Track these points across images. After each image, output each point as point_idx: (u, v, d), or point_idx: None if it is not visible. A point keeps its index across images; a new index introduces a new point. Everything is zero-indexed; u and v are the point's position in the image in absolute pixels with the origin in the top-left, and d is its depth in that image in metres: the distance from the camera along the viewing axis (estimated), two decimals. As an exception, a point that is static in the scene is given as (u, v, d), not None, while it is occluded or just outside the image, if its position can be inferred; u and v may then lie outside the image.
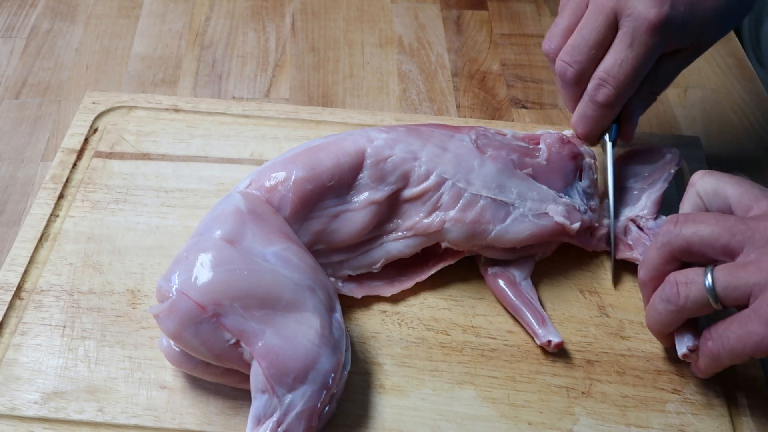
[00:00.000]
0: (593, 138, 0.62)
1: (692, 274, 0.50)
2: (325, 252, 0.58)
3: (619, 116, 0.61)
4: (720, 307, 0.49)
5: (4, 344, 0.55)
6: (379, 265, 0.59)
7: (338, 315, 0.53)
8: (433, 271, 0.60)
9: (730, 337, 0.48)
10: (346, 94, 0.78)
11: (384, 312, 0.59)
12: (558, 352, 0.57)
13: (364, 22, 0.85)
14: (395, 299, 0.59)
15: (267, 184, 0.56)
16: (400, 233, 0.58)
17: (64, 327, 0.56)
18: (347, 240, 0.58)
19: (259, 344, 0.48)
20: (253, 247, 0.51)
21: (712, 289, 0.48)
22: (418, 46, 0.83)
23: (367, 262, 0.59)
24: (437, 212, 0.58)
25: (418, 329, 0.58)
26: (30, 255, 0.60)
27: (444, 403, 0.54)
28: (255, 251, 0.51)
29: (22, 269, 0.59)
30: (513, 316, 0.59)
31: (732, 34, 0.86)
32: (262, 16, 0.86)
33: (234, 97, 0.77)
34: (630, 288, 0.61)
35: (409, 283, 0.59)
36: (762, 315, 0.46)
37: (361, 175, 0.57)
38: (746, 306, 0.47)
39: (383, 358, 0.56)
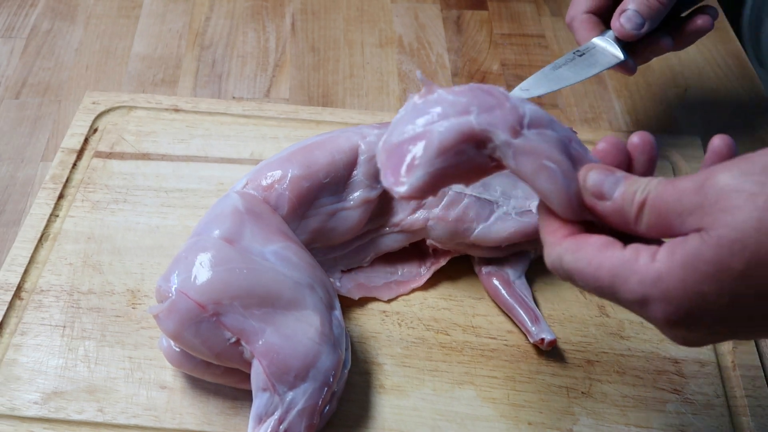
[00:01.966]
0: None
1: None
2: (322, 250, 0.58)
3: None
4: None
5: (4, 344, 0.55)
6: (368, 259, 0.60)
7: (338, 313, 0.53)
8: (428, 276, 0.60)
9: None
10: (346, 94, 0.77)
11: (384, 312, 0.59)
12: (558, 352, 0.57)
13: (364, 22, 0.85)
14: (395, 299, 0.59)
15: (264, 183, 0.56)
16: (387, 228, 0.59)
17: (64, 327, 0.56)
18: (343, 237, 0.58)
19: (260, 343, 0.48)
20: (252, 246, 0.51)
21: None
22: (418, 46, 0.83)
23: (359, 257, 0.60)
24: (421, 210, 0.58)
25: (418, 329, 0.58)
26: (30, 255, 0.60)
27: (444, 403, 0.54)
28: (254, 250, 0.51)
29: (22, 269, 0.59)
30: (513, 316, 0.59)
31: (732, 34, 0.86)
32: (262, 16, 0.86)
33: (234, 97, 0.76)
34: (630, 288, 0.61)
35: (405, 289, 0.60)
36: None
37: (355, 171, 0.57)
38: None
39: (383, 358, 0.56)
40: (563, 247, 0.39)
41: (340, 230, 0.58)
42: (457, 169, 0.41)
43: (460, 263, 0.61)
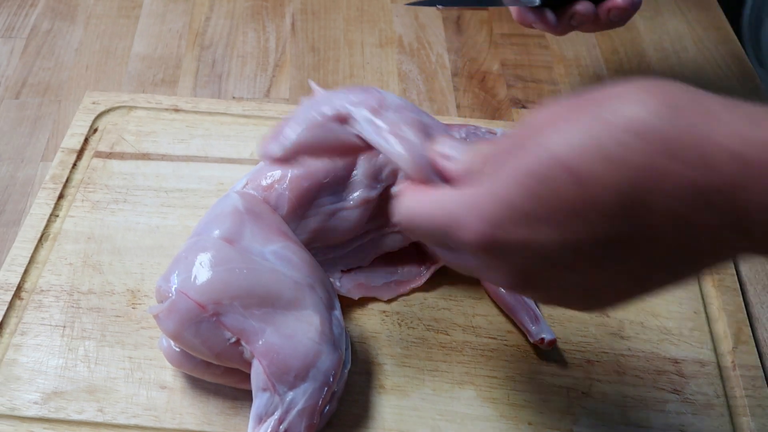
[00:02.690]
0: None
1: None
2: (322, 250, 0.58)
3: None
4: None
5: (4, 344, 0.55)
6: (368, 259, 0.60)
7: (338, 312, 0.53)
8: (428, 276, 0.60)
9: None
10: (346, 94, 0.77)
11: (384, 312, 0.59)
12: (558, 352, 0.57)
13: (364, 22, 0.85)
14: (395, 299, 0.59)
15: (264, 183, 0.56)
16: (387, 228, 0.59)
17: (64, 327, 0.56)
18: (343, 237, 0.58)
19: (260, 343, 0.48)
20: (252, 246, 0.51)
21: None
22: (418, 46, 0.83)
23: (359, 257, 0.60)
24: None
25: (418, 329, 0.58)
26: (30, 255, 0.60)
27: (444, 403, 0.54)
28: (254, 250, 0.51)
29: (22, 269, 0.59)
30: (513, 316, 0.59)
31: (732, 33, 0.86)
32: (262, 16, 0.86)
33: (234, 97, 0.76)
34: (630, 288, 0.61)
35: (405, 289, 0.60)
36: None
37: (355, 171, 0.57)
38: None
39: (383, 358, 0.56)
40: (406, 196, 0.43)
41: (340, 230, 0.58)
42: (325, 143, 0.51)
43: (460, 263, 0.61)
